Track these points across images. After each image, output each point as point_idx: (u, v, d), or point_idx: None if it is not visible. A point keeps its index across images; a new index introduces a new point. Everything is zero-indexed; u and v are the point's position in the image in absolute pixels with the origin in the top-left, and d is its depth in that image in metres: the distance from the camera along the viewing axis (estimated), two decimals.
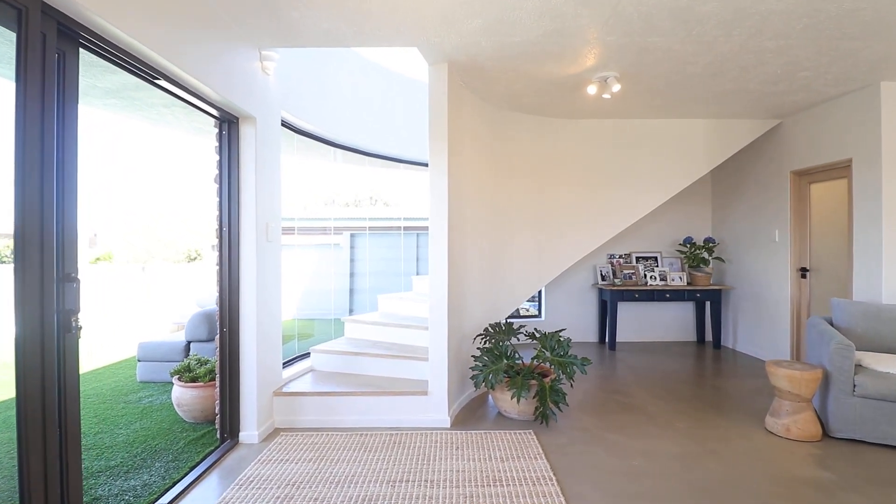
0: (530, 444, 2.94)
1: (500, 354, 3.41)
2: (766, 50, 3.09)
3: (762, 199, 5.05)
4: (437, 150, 3.31)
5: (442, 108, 3.31)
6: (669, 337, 6.03)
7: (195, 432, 3.20)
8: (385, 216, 7.95)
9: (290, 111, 3.58)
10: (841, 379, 3.00)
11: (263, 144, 3.09)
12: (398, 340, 3.90)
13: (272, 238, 3.18)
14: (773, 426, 3.15)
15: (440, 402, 3.23)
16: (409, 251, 6.57)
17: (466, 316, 3.72)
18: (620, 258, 5.91)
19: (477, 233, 3.92)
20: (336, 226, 7.39)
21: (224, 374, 2.96)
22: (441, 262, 3.27)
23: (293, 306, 6.56)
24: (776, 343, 4.86)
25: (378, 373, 3.58)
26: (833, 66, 3.36)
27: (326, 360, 3.71)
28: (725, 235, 5.70)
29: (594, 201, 4.76)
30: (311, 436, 3.05)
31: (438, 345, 3.27)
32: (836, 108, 4.07)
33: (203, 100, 2.67)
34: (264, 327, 3.08)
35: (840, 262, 4.20)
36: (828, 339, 3.13)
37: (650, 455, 2.83)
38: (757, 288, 5.15)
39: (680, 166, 4.77)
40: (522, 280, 4.51)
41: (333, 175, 6.47)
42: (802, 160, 4.49)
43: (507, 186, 4.42)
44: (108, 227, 14.05)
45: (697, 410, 3.58)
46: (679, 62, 3.29)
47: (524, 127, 4.55)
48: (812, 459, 2.76)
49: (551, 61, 3.27)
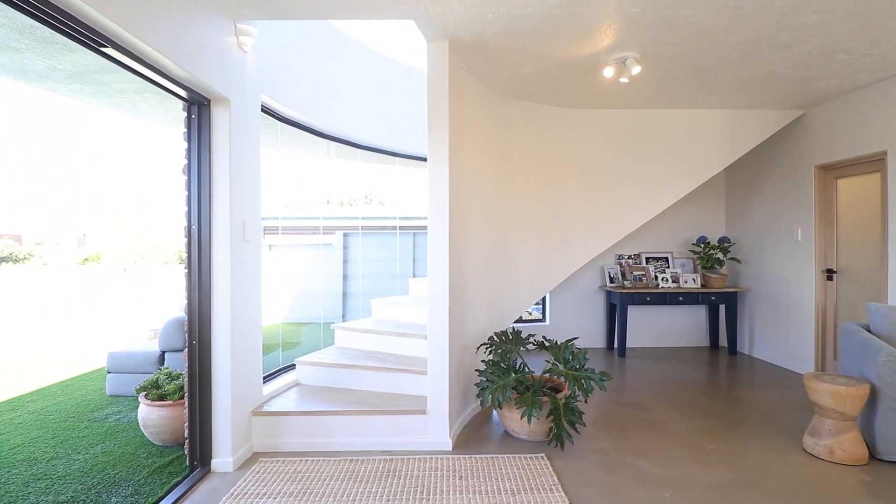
0: (544, 471, 2.58)
1: (508, 368, 3.05)
2: (806, 27, 2.75)
3: (782, 195, 4.73)
4: (437, 139, 2.95)
5: (442, 91, 2.95)
6: (681, 342, 5.70)
7: (162, 458, 2.82)
8: (380, 215, 7.58)
9: (273, 95, 3.21)
10: (891, 395, 2.67)
11: (240, 130, 2.72)
12: (394, 350, 3.53)
13: (250, 237, 2.80)
14: (812, 447, 2.81)
15: (440, 423, 2.87)
16: (406, 251, 6.20)
17: (469, 323, 3.36)
18: (630, 259, 5.57)
19: (479, 231, 3.56)
20: (328, 225, 7.01)
21: (193, 392, 2.59)
22: (441, 264, 2.91)
23: (282, 310, 6.18)
24: (798, 350, 4.53)
25: (371, 387, 3.21)
26: (874, 48, 3.04)
27: (314, 373, 3.34)
28: (740, 235, 5.38)
29: (605, 198, 4.41)
30: (294, 462, 2.68)
31: (439, 356, 2.91)
32: (868, 97, 3.75)
33: (166, 76, 2.30)
34: (241, 338, 2.71)
35: (871, 263, 3.88)
36: (874, 349, 2.80)
37: (681, 486, 2.48)
38: (776, 290, 4.83)
39: (698, 160, 4.43)
40: (529, 283, 4.15)
41: (327, 172, 6.09)
42: (829, 153, 4.17)
43: (512, 181, 4.07)
44: (97, 228, 13.60)
45: (724, 427, 3.24)
46: (707, 41, 2.94)
47: (530, 117, 4.19)
48: (864, 489, 2.42)
49: (565, 38, 2.91)
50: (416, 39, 3.66)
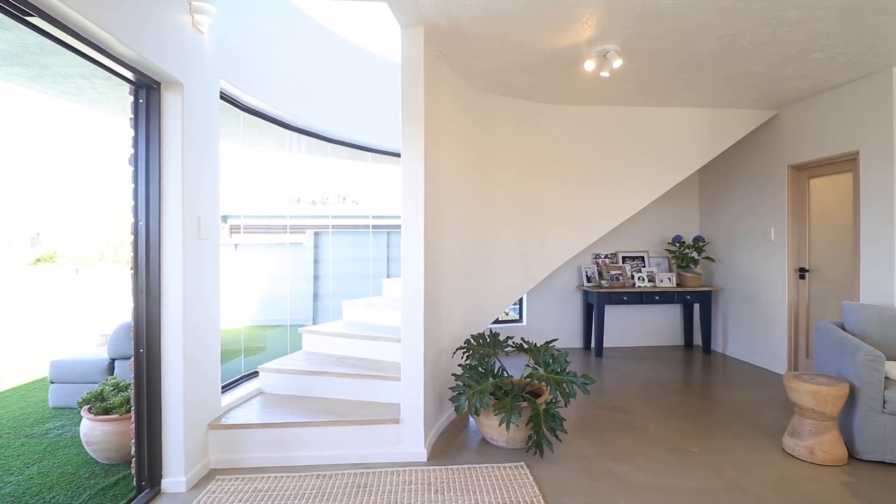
0: (524, 482, 2.45)
1: (486, 372, 2.91)
2: (786, 22, 2.71)
3: (756, 195, 4.76)
4: (412, 131, 2.78)
5: (417, 80, 2.78)
6: (656, 341, 5.69)
7: (107, 478, 2.55)
8: (353, 214, 7.34)
9: (234, 82, 2.97)
10: (870, 394, 2.65)
11: (195, 118, 2.48)
12: (366, 355, 3.34)
13: (207, 235, 2.57)
14: (793, 448, 2.78)
15: (415, 432, 2.70)
16: (380, 251, 6.00)
17: (445, 325, 3.20)
18: (606, 258, 5.53)
19: (456, 229, 3.41)
20: (298, 224, 6.73)
21: (141, 405, 2.34)
22: (416, 263, 2.74)
23: (248, 313, 5.88)
24: (771, 348, 4.57)
25: (341, 395, 3.01)
26: (850, 47, 3.03)
27: (278, 380, 3.11)
28: (714, 234, 5.41)
29: (584, 196, 4.33)
30: (255, 479, 2.46)
31: (413, 361, 2.74)
32: (841, 97, 3.78)
33: (109, 55, 2.06)
34: (196, 344, 2.47)
35: (843, 262, 3.92)
36: (851, 349, 2.79)
37: (666, 492, 2.38)
38: (750, 289, 4.86)
39: (675, 158, 4.41)
40: (508, 282, 4.03)
41: (298, 168, 5.82)
42: (802, 153, 4.20)
43: (490, 179, 3.93)
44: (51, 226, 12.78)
45: (705, 429, 3.18)
46: (689, 34, 2.88)
47: (509, 113, 4.07)
48: (847, 491, 2.38)
49: (545, 27, 2.79)
50: (388, 29, 3.48)
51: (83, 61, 2.14)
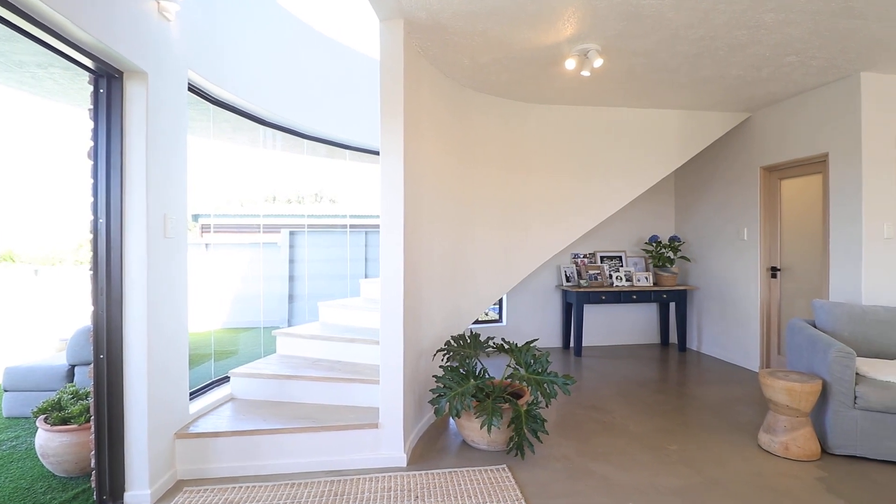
0: (506, 485, 2.40)
1: (468, 373, 2.86)
2: (762, 25, 2.75)
3: (729, 196, 4.86)
4: (391, 127, 2.70)
5: (397, 74, 2.70)
6: (633, 340, 5.76)
7: (65, 492, 2.39)
8: (330, 213, 7.19)
9: (204, 73, 2.84)
10: (841, 390, 2.71)
11: (160, 109, 2.35)
12: (343, 358, 3.24)
13: (173, 233, 2.43)
14: (769, 444, 2.82)
15: (394, 436, 2.63)
16: (357, 251, 5.89)
17: (425, 326, 3.14)
18: (585, 258, 5.56)
19: (436, 229, 3.34)
20: (273, 223, 6.55)
21: (101, 414, 2.20)
22: (395, 262, 2.67)
23: (220, 315, 5.68)
24: (744, 345, 4.67)
25: (317, 400, 2.90)
26: (822, 51, 3.10)
27: (251, 385, 2.99)
28: (690, 234, 5.50)
29: (565, 195, 4.33)
30: (225, 490, 2.35)
31: (392, 363, 2.66)
32: (811, 101, 3.88)
33: (67, 42, 1.92)
34: (161, 349, 2.34)
35: (812, 261, 4.03)
36: (824, 345, 2.85)
37: (647, 492, 2.38)
38: (723, 288, 4.96)
39: (653, 159, 4.45)
40: (488, 282, 3.98)
41: (273, 166, 5.66)
42: (773, 155, 4.30)
43: (471, 178, 3.88)
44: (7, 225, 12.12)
45: (682, 427, 3.21)
46: (668, 35, 2.89)
47: (490, 111, 4.03)
48: (821, 486, 2.43)
49: (526, 25, 2.76)
50: (367, 24, 3.39)
51: (39, 48, 1.99)
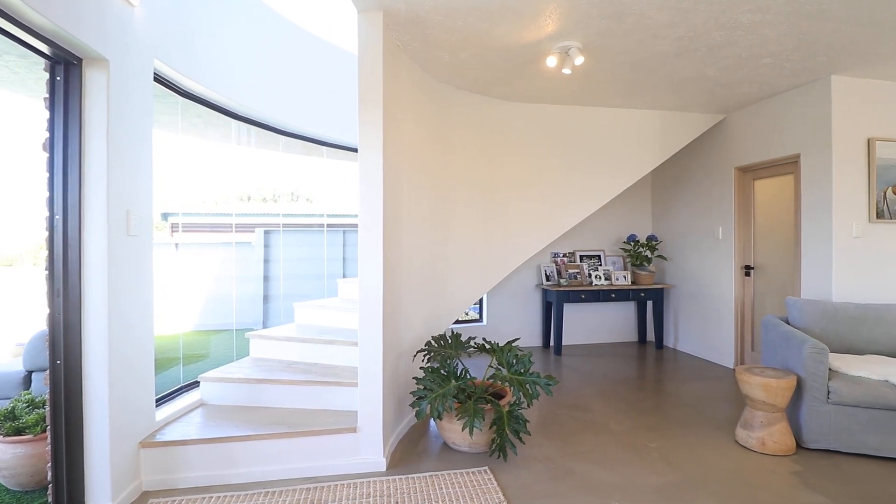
0: (488, 487, 2.36)
1: (449, 374, 2.80)
2: (740, 26, 2.78)
3: (705, 195, 4.94)
4: (370, 121, 2.62)
5: (376, 67, 2.63)
6: (612, 338, 5.81)
7: None
8: (306, 212, 7.02)
9: (172, 63, 2.70)
10: (815, 386, 2.77)
11: (123, 99, 2.22)
12: (320, 360, 3.14)
13: (137, 231, 2.30)
14: (746, 440, 2.85)
15: (373, 440, 2.55)
16: (335, 250, 5.76)
17: (405, 327, 3.07)
18: (565, 257, 5.58)
19: (416, 227, 3.28)
20: (248, 222, 6.35)
21: (58, 423, 2.05)
22: (374, 261, 2.59)
23: (192, 317, 5.47)
24: (719, 342, 4.75)
25: (292, 404, 2.80)
26: (795, 53, 3.16)
27: (222, 390, 2.86)
28: (666, 233, 5.58)
29: (545, 194, 4.32)
30: (195, 501, 2.23)
31: (371, 365, 2.58)
32: (784, 103, 3.97)
33: (17, 23, 1.78)
34: (125, 354, 2.21)
35: (785, 259, 4.12)
36: (798, 342, 2.90)
37: (629, 490, 2.37)
38: (699, 286, 5.04)
39: (631, 159, 4.48)
40: (469, 282, 3.93)
41: (247, 163, 5.49)
42: (747, 156, 4.39)
43: (451, 176, 3.83)
44: None
45: (662, 424, 3.23)
46: (649, 34, 2.89)
47: (470, 108, 3.98)
48: (798, 480, 2.46)
49: (507, 20, 2.72)
50: (346, 19, 3.30)
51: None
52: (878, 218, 3.57)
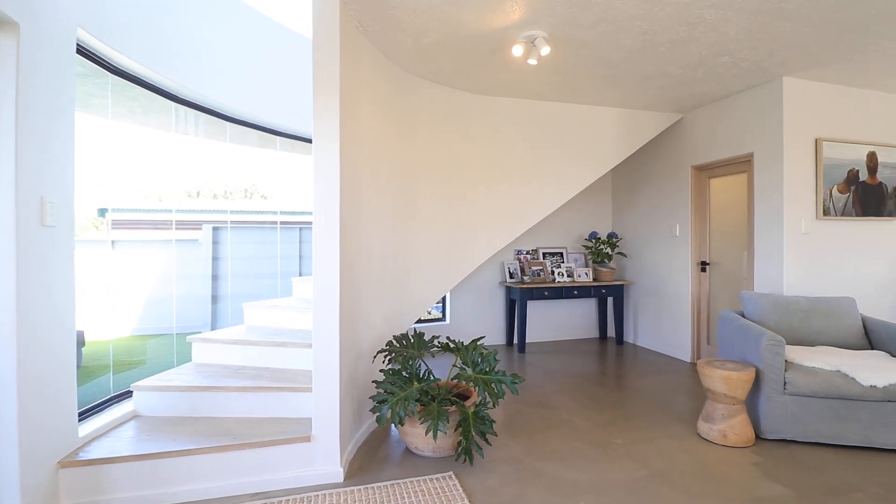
0: (453, 493, 2.23)
1: (411, 376, 2.65)
2: (702, 22, 2.79)
3: (663, 194, 5.04)
4: (326, 107, 2.43)
5: (332, 47, 2.44)
6: (575, 335, 5.84)
7: None
8: (261, 209, 6.66)
9: (101, 36, 2.42)
10: (773, 377, 2.82)
11: (36, 70, 1.93)
12: (271, 364, 2.91)
13: (54, 222, 2.01)
14: (707, 433, 2.87)
15: (329, 449, 2.37)
16: (291, 248, 5.47)
17: (364, 326, 2.90)
18: (528, 254, 5.55)
19: (376, 222, 3.11)
20: (195, 218, 5.93)
21: None
22: (330, 256, 2.40)
23: (130, 321, 5.03)
24: (677, 337, 4.85)
25: (240, 413, 2.56)
26: (752, 53, 3.23)
27: (160, 400, 2.58)
28: (626, 230, 5.66)
29: (510, 190, 4.25)
30: None
31: (327, 368, 2.40)
32: (738, 103, 4.08)
33: None
34: (40, 361, 1.92)
35: (738, 255, 4.25)
36: (755, 334, 2.95)
37: (597, 489, 2.31)
38: (657, 282, 5.14)
39: (595, 155, 4.50)
40: (432, 280, 3.80)
41: (195, 157, 5.11)
42: (703, 155, 4.50)
43: (413, 169, 3.68)
44: None
45: (625, 419, 3.22)
46: (615, 27, 2.86)
47: (434, 100, 3.84)
48: (758, 471, 2.48)
49: (473, 3, 2.60)
50: None
51: None
52: (824, 215, 3.73)
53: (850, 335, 3.23)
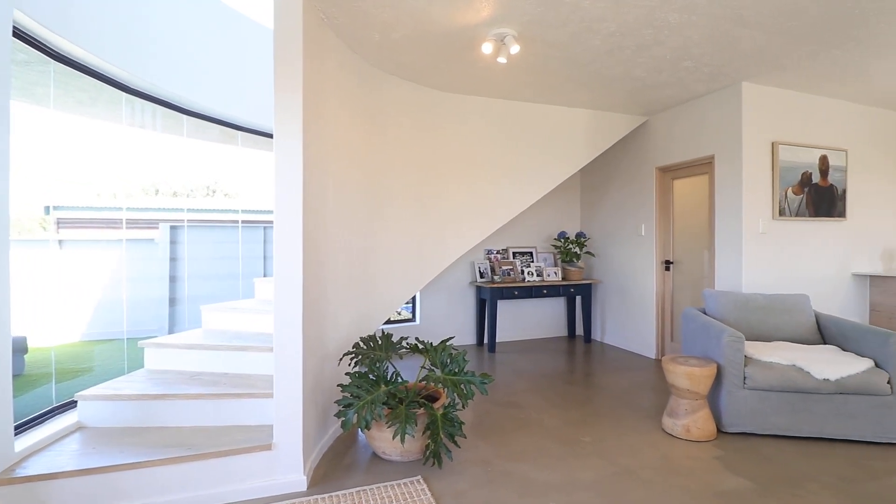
0: (422, 499, 2.18)
1: (378, 378, 2.58)
2: (668, 25, 2.84)
3: (629, 194, 5.14)
4: (287, 103, 2.34)
5: (294, 39, 2.34)
6: (544, 333, 5.89)
7: None
8: (221, 207, 6.41)
9: (40, 18, 2.24)
10: (733, 372, 2.90)
11: None
12: (231, 369, 2.78)
13: None
14: (672, 428, 2.93)
15: (292, 457, 2.27)
16: (254, 248, 5.29)
17: (330, 328, 2.80)
18: (498, 253, 5.55)
19: (343, 221, 3.02)
20: (151, 217, 5.65)
21: None
22: (293, 256, 2.31)
23: (78, 325, 4.73)
24: (642, 335, 4.96)
25: (195, 421, 2.43)
26: (714, 58, 3.32)
27: (108, 410, 2.41)
28: (594, 230, 5.75)
29: (481, 189, 4.23)
30: None
31: (289, 372, 2.30)
32: (701, 107, 4.20)
33: None
34: None
35: (700, 254, 4.37)
36: (717, 331, 3.03)
37: (565, 488, 2.31)
38: (623, 281, 5.24)
39: (564, 155, 4.53)
40: (401, 279, 3.73)
41: (152, 152, 4.86)
42: (667, 157, 4.61)
43: (381, 167, 3.60)
44: None
45: (594, 417, 3.25)
46: (583, 27, 2.87)
47: (403, 97, 3.77)
48: (721, 465, 2.54)
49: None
50: None
51: None
52: (780, 215, 3.88)
53: (805, 331, 3.37)
